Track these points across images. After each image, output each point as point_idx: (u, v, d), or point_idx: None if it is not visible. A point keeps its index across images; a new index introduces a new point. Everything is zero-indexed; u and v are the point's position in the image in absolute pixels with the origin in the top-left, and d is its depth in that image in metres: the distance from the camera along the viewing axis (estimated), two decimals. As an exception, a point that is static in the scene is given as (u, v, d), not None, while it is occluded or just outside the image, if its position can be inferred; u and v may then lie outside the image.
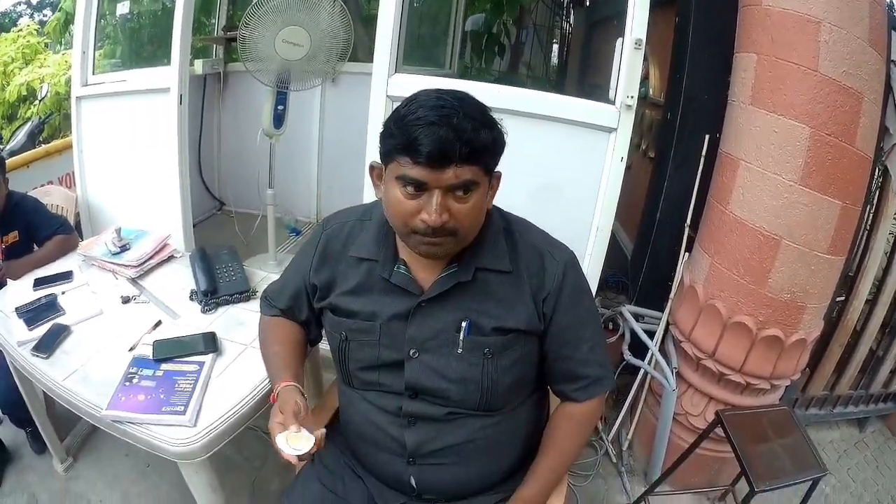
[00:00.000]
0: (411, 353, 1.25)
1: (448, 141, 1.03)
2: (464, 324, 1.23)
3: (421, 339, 1.25)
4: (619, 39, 1.98)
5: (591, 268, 2.13)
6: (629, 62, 1.97)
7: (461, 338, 1.23)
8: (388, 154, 1.11)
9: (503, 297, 1.25)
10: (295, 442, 1.11)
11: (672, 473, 2.17)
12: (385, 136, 1.11)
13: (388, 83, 2.03)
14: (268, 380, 1.48)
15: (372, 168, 1.22)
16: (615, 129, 2.00)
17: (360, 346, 1.29)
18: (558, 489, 1.41)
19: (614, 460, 2.57)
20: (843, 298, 2.62)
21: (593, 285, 2.14)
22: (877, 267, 2.60)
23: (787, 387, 2.37)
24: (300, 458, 1.11)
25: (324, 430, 1.15)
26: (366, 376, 1.31)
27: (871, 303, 2.70)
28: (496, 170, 1.18)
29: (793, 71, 1.87)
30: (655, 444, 2.38)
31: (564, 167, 2.09)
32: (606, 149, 2.03)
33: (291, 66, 2.57)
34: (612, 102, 2.01)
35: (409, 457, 1.30)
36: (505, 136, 1.15)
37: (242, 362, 1.63)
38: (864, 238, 2.55)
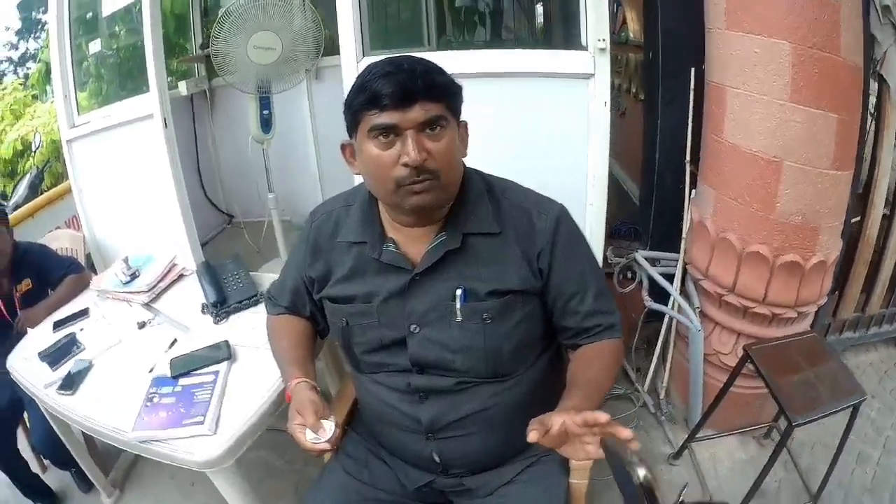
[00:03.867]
0: (412, 328, 1.25)
1: (407, 81, 1.07)
2: (458, 291, 1.22)
3: (419, 314, 1.24)
4: (582, -17, 1.96)
5: (595, 217, 2.10)
6: (594, 4, 1.95)
7: (457, 306, 1.22)
8: (354, 118, 1.13)
9: (494, 259, 1.24)
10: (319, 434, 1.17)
11: (711, 416, 2.15)
12: (348, 105, 1.14)
13: (359, 68, 2.00)
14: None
15: (343, 147, 1.24)
16: (592, 75, 1.98)
17: (362, 330, 1.29)
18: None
19: (653, 411, 2.54)
20: (858, 219, 2.55)
21: (599, 235, 2.12)
22: (888, 179, 2.54)
23: (816, 312, 2.32)
24: (328, 443, 1.17)
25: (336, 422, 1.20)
26: (372, 358, 1.31)
27: (889, 217, 2.64)
28: (462, 119, 1.20)
29: None
30: (690, 388, 2.35)
31: (550, 121, 2.07)
32: (587, 96, 2.00)
33: (268, 70, 2.57)
34: (585, 48, 1.98)
35: (426, 432, 1.30)
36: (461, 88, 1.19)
37: (257, 365, 1.64)
38: (871, 152, 2.48)
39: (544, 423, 1.00)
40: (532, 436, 0.99)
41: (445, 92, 1.13)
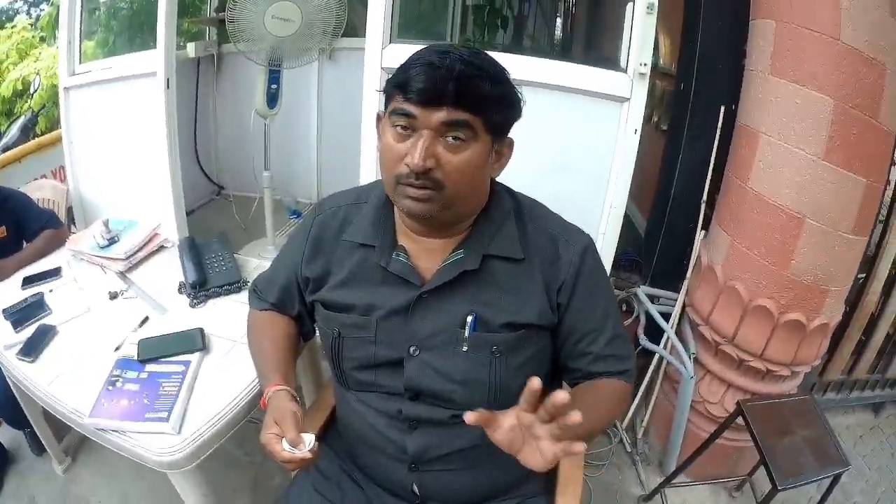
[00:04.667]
0: (411, 350, 1.10)
1: (440, 80, 0.93)
2: (469, 318, 1.07)
3: (422, 336, 1.09)
4: (630, 4, 1.79)
5: (605, 248, 1.95)
6: (641, 27, 1.79)
7: (466, 334, 1.08)
8: (387, 97, 1.01)
9: (513, 288, 1.09)
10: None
11: (689, 465, 2.04)
12: (387, 81, 1.02)
13: (383, 54, 1.86)
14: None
15: (378, 117, 1.09)
16: (628, 100, 1.82)
17: (355, 344, 1.13)
18: (574, 481, 1.29)
19: (629, 449, 2.42)
20: (863, 276, 2.44)
21: (607, 266, 1.98)
22: (896, 247, 2.43)
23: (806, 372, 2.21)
24: (304, 458, 1.00)
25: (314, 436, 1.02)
26: (361, 376, 1.16)
27: (888, 283, 2.53)
28: (508, 136, 1.06)
29: (814, 39, 1.69)
30: (672, 433, 2.22)
31: (574, 140, 1.91)
32: (619, 120, 1.84)
33: (283, 42, 2.38)
34: (624, 70, 1.83)
35: (411, 463, 1.16)
36: (522, 102, 1.04)
37: (232, 360, 1.46)
38: (886, 216, 2.36)
39: (494, 415, 0.89)
40: (470, 417, 0.86)
41: (485, 103, 0.96)
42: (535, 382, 0.82)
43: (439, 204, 0.99)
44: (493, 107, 0.98)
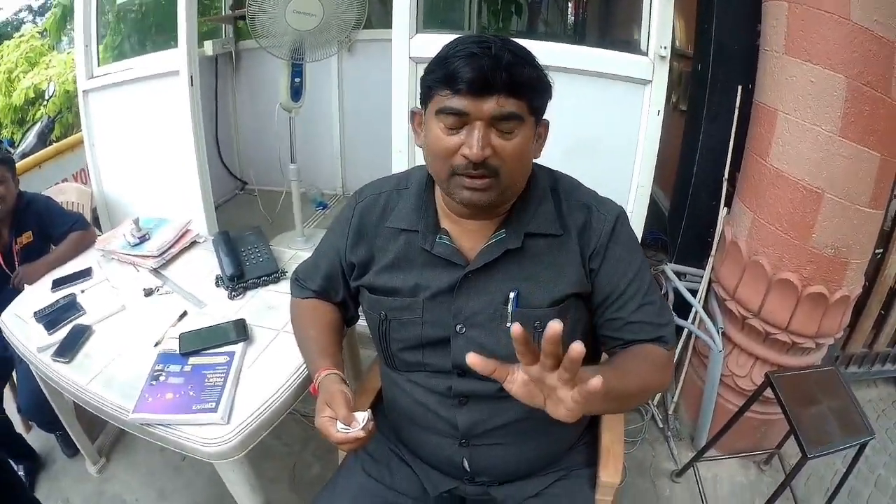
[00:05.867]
0: (458, 328, 1.10)
1: (489, 69, 0.92)
2: (511, 295, 1.08)
3: (467, 314, 1.10)
4: (648, -13, 1.80)
5: (633, 226, 1.90)
6: (660, 11, 1.80)
7: (509, 310, 1.08)
8: (428, 92, 1.00)
9: (553, 262, 1.10)
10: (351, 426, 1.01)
11: (720, 438, 2.04)
12: (425, 76, 1.01)
13: (410, 45, 1.86)
14: (304, 366, 1.33)
15: (413, 114, 1.10)
16: (650, 82, 1.83)
17: (402, 325, 1.14)
18: (615, 454, 1.26)
19: (660, 425, 2.42)
20: (881, 252, 2.42)
21: None
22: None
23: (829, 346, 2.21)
24: (364, 431, 1.01)
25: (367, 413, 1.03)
26: (409, 357, 1.17)
27: None
28: (544, 118, 1.06)
29: (825, 19, 1.70)
30: (702, 407, 2.24)
31: (599, 123, 1.92)
32: (642, 102, 1.85)
33: (305, 36, 2.37)
34: (645, 54, 1.83)
35: (461, 438, 1.17)
36: (552, 84, 1.04)
37: (275, 349, 1.46)
38: None
39: (504, 366, 0.83)
40: (472, 358, 0.79)
41: (530, 88, 0.98)
42: (556, 326, 0.77)
43: (497, 191, 1.00)
44: (537, 90, 0.99)
